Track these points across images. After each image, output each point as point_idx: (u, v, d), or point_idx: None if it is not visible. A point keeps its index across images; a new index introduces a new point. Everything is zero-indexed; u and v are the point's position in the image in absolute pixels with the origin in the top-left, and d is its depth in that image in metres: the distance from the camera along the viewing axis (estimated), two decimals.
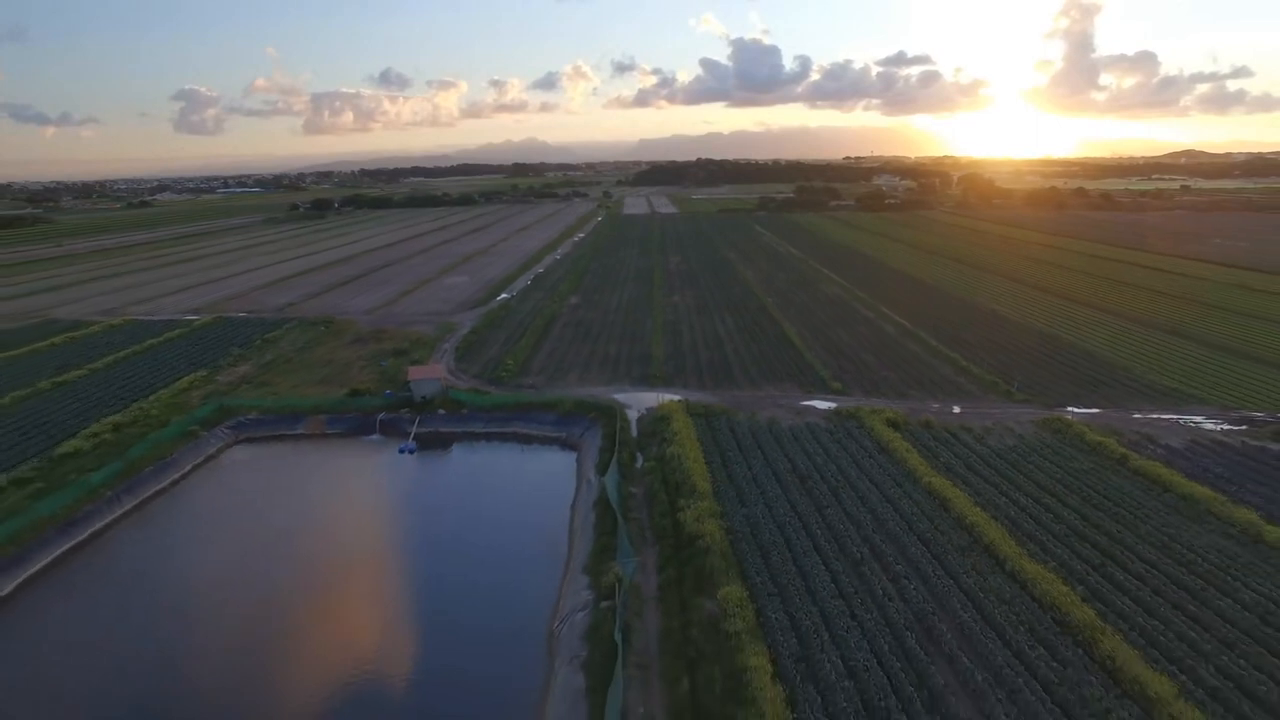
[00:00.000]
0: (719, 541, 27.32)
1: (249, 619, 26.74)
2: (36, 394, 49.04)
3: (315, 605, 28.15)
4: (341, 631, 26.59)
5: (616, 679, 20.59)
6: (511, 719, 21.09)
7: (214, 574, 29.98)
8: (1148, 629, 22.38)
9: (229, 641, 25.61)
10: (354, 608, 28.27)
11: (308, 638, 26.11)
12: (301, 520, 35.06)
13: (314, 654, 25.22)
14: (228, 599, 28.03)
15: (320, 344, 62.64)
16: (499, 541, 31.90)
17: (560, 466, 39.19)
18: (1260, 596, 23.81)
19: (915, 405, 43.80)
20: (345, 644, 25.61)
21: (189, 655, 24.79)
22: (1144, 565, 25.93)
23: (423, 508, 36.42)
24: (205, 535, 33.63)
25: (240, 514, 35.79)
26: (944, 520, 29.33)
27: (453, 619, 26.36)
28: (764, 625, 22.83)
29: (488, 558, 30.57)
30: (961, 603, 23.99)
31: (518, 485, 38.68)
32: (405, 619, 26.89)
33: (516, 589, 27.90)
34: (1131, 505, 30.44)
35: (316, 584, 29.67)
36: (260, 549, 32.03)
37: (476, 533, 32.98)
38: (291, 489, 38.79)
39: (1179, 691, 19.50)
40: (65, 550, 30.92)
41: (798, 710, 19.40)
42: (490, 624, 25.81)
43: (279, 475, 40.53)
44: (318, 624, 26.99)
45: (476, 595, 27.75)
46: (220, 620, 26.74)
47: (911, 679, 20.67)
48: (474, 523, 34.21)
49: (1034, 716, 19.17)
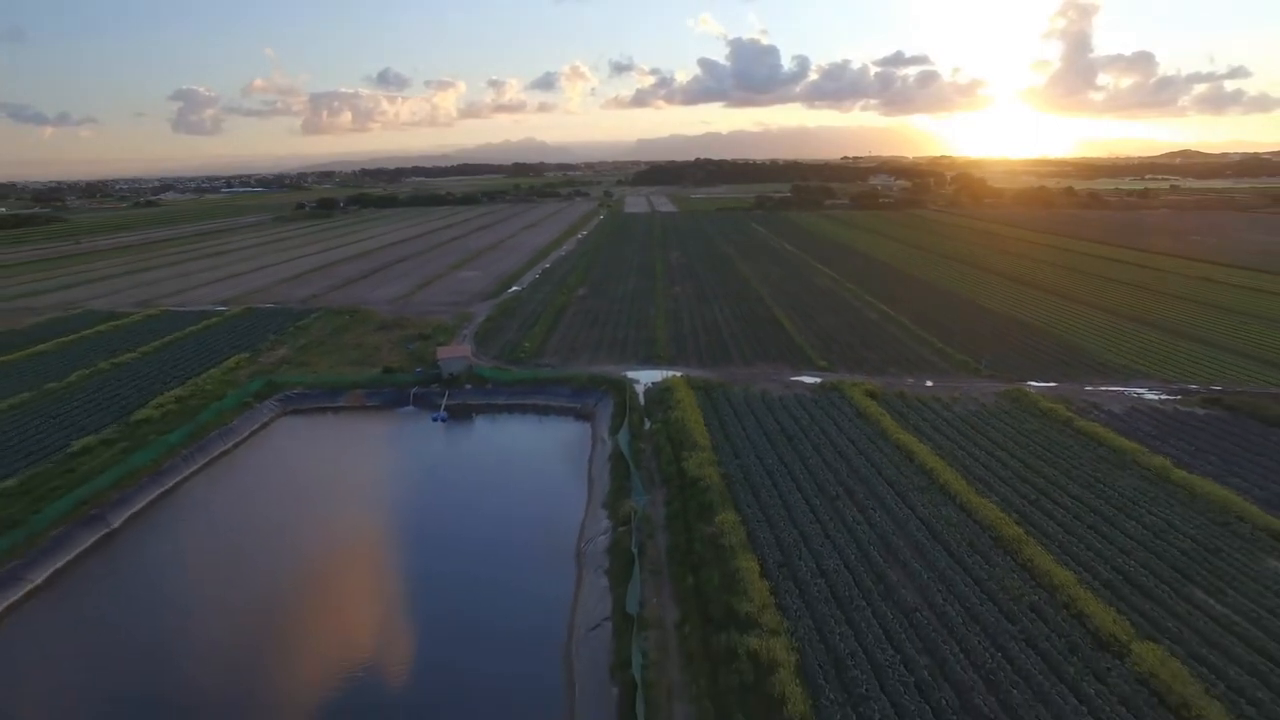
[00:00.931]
0: (717, 482, 32.51)
1: (313, 556, 31.94)
2: (99, 373, 54.05)
3: (371, 541, 33.31)
4: (402, 555, 31.73)
5: (634, 579, 25.74)
6: (551, 610, 26.20)
7: (277, 519, 35.12)
8: (1063, 541, 27.59)
9: (298, 571, 30.77)
10: (409, 539, 33.33)
11: (368, 563, 31.26)
12: (349, 476, 40.21)
13: (376, 573, 30.37)
14: (292, 540, 33.15)
15: (348, 330, 67.73)
16: (527, 488, 37.21)
17: (576, 432, 44.36)
18: (1158, 519, 29.02)
19: (892, 380, 49.01)
20: (408, 562, 30.79)
21: (263, 575, 29.93)
22: (1069, 498, 31.15)
23: (456, 465, 41.65)
24: (266, 488, 38.89)
25: (294, 472, 41.03)
26: (908, 467, 34.52)
27: (492, 548, 31.48)
28: (753, 541, 27.99)
29: (518, 500, 35.83)
30: (916, 525, 29.17)
31: (539, 447, 43.96)
32: (455, 547, 31.99)
33: (546, 521, 33.15)
34: (1068, 456, 35.65)
35: (369, 525, 34.83)
36: (315, 501, 37.16)
37: (505, 483, 38.21)
38: (337, 452, 43.97)
39: (1078, 580, 24.70)
40: (157, 495, 36.03)
41: (779, 598, 24.54)
42: (527, 546, 31.10)
43: (325, 441, 45.69)
44: (376, 554, 32.15)
45: (512, 527, 32.98)
46: (289, 556, 31.90)
47: (871, 578, 25.82)
48: (502, 476, 39.41)
49: (964, 600, 24.33)
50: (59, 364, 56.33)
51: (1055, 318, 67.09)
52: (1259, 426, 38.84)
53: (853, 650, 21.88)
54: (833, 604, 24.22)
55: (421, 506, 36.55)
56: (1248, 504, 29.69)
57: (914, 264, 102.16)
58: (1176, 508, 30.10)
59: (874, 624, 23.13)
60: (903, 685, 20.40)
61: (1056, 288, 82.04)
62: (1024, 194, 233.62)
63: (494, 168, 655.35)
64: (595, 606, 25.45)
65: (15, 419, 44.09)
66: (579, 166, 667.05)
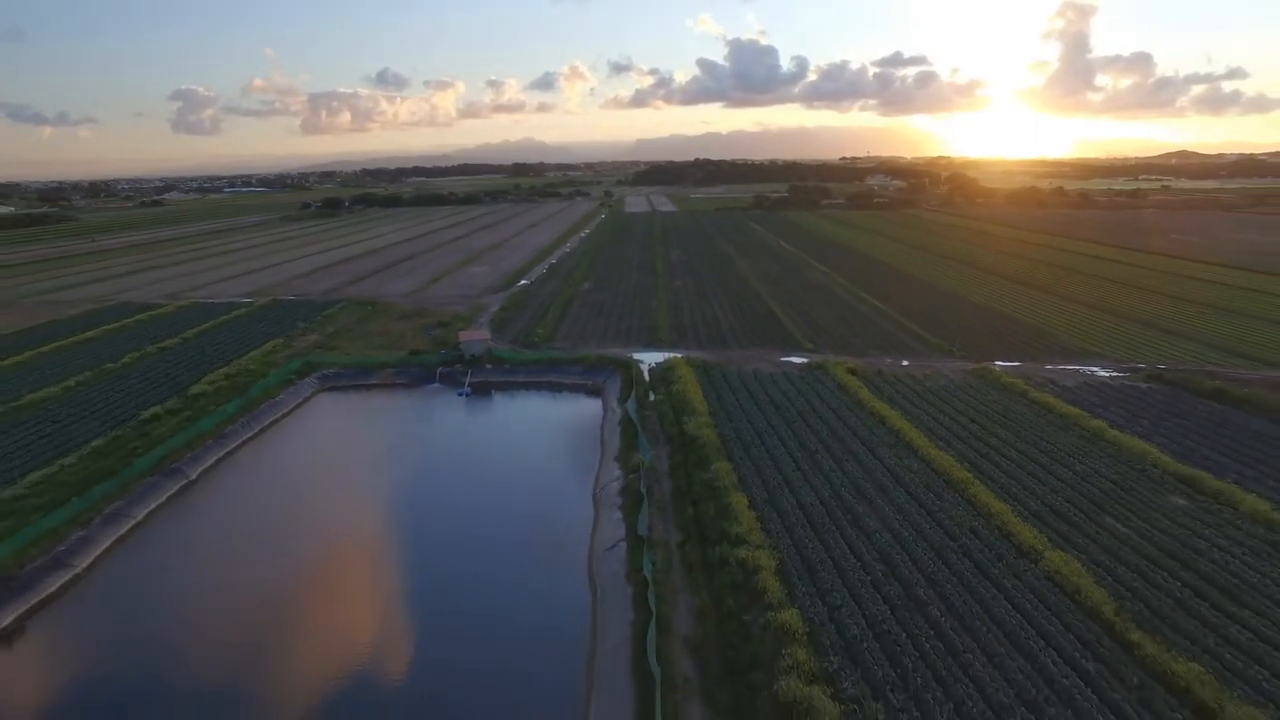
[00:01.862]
0: (713, 440, 37.63)
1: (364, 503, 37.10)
2: (148, 355, 59.07)
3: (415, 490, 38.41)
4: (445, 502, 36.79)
5: (644, 511, 30.83)
6: (575, 537, 31.30)
7: (325, 475, 40.34)
8: (1004, 483, 32.73)
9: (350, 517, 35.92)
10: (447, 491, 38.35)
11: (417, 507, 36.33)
12: (385, 442, 45.35)
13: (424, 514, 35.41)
14: (341, 492, 38.30)
15: (372, 319, 72.82)
16: (546, 449, 42.41)
17: (588, 405, 49.45)
18: (1087, 468, 34.18)
19: (873, 360, 54.14)
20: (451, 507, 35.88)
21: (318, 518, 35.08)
22: (1015, 452, 36.30)
23: (481, 433, 46.80)
24: (313, 451, 44.15)
25: (336, 438, 46.24)
26: (880, 429, 39.66)
27: (520, 494, 36.58)
28: (743, 483, 33.10)
29: (539, 458, 41.07)
30: (882, 472, 34.30)
31: (555, 417, 49.23)
32: (488, 494, 37.05)
33: (565, 474, 38.36)
34: (1020, 421, 40.79)
35: (411, 479, 39.92)
36: (358, 461, 42.28)
37: (527, 445, 43.47)
38: (373, 422, 49.14)
39: (1012, 511, 29.83)
40: (222, 455, 41.09)
41: (764, 523, 29.60)
42: (551, 492, 36.34)
43: (361, 413, 50.80)
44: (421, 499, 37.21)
45: (536, 478, 38.26)
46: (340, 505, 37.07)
47: (841, 510, 30.93)
48: (523, 440, 44.66)
49: (916, 525, 29.44)
50: (110, 348, 61.35)
51: (1028, 307, 72.28)
52: (1189, 397, 44.06)
53: (822, 559, 26.99)
54: (808, 528, 29.33)
55: (453, 466, 41.68)
56: (1163, 455, 34.87)
57: (904, 260, 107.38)
58: (1104, 459, 35.26)
59: (840, 542, 28.25)
60: (860, 582, 25.51)
61: (1033, 281, 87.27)
62: (1016, 194, 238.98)
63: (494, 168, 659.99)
64: (611, 532, 30.56)
65: (85, 393, 49.17)
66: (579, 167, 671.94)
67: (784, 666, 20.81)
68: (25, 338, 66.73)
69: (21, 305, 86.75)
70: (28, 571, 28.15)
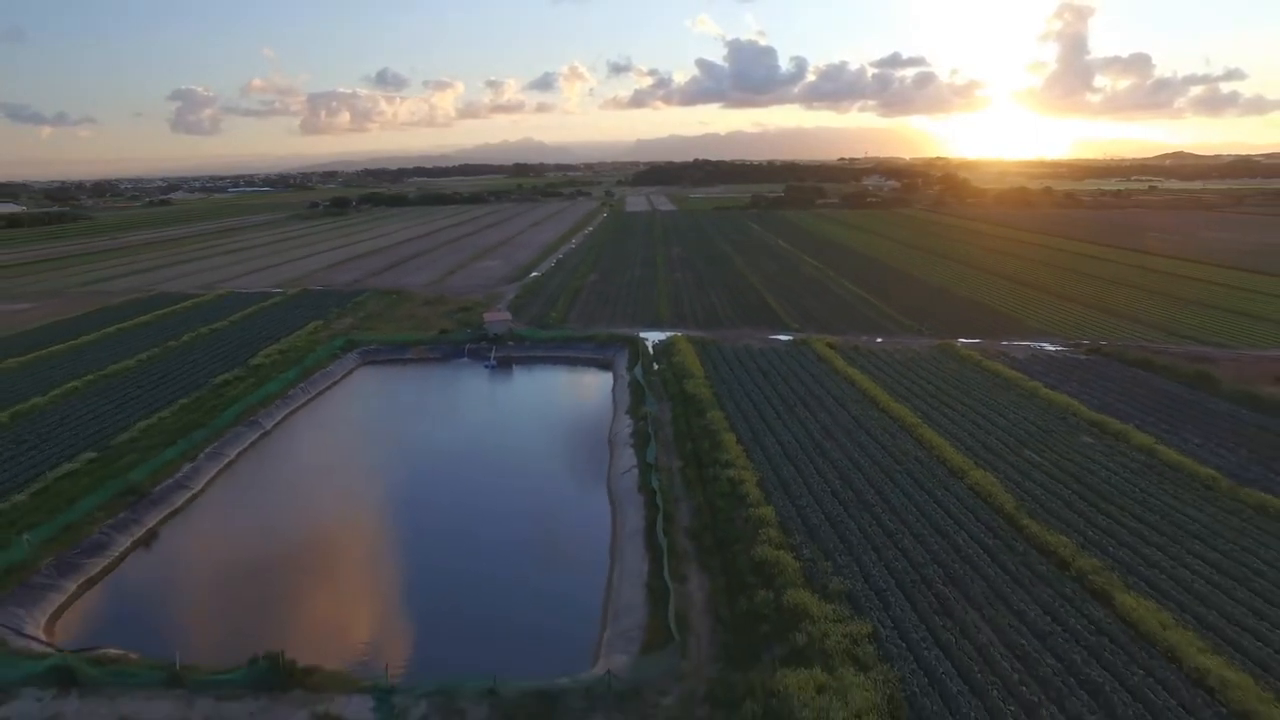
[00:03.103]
0: (708, 396, 44.64)
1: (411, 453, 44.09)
2: (200, 337, 65.80)
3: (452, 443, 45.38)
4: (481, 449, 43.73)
5: (651, 446, 37.76)
6: (595, 467, 38.35)
7: (374, 429, 47.33)
8: (947, 427, 39.74)
9: (403, 458, 42.92)
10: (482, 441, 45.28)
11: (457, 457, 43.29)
12: (424, 405, 52.35)
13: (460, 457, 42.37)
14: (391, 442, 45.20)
15: (399, 306, 79.76)
16: (564, 408, 49.58)
17: (600, 375, 56.41)
18: (1019, 417, 41.21)
19: (850, 338, 61.14)
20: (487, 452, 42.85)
21: (374, 463, 42.08)
22: (962, 405, 43.32)
23: (507, 397, 53.97)
24: (363, 409, 51.37)
25: (382, 401, 53.32)
26: (849, 389, 46.66)
27: (545, 441, 43.59)
28: (733, 427, 40.04)
29: (559, 415, 48.20)
30: (848, 420, 41.27)
31: (571, 384, 56.53)
32: (517, 442, 43.99)
33: (583, 426, 45.35)
34: (971, 384, 47.81)
35: (448, 432, 46.90)
36: (401, 418, 49.26)
37: (548, 405, 50.69)
38: (412, 389, 56.18)
39: (950, 445, 36.84)
40: (288, 412, 48.00)
41: (750, 455, 36.45)
42: (572, 437, 43.41)
43: (401, 381, 57.78)
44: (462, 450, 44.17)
45: (558, 429, 45.32)
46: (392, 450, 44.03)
47: (811, 446, 37.85)
48: (544, 401, 51.86)
49: (871, 455, 36.39)
50: (167, 330, 68.13)
51: (997, 295, 79.34)
52: (1118, 365, 51.14)
53: (794, 478, 33.94)
54: (784, 459, 36.29)
55: (485, 421, 48.71)
56: (1083, 407, 41.92)
57: (890, 255, 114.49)
58: (1034, 410, 42.30)
59: (809, 467, 35.22)
60: (821, 491, 32.48)
61: (1005, 272, 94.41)
62: (1005, 194, 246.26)
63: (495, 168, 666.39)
64: (625, 462, 37.53)
65: (159, 365, 56.02)
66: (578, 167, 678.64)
67: (759, 540, 27.74)
68: (86, 322, 73.54)
69: (68, 294, 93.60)
70: (158, 490, 35.03)
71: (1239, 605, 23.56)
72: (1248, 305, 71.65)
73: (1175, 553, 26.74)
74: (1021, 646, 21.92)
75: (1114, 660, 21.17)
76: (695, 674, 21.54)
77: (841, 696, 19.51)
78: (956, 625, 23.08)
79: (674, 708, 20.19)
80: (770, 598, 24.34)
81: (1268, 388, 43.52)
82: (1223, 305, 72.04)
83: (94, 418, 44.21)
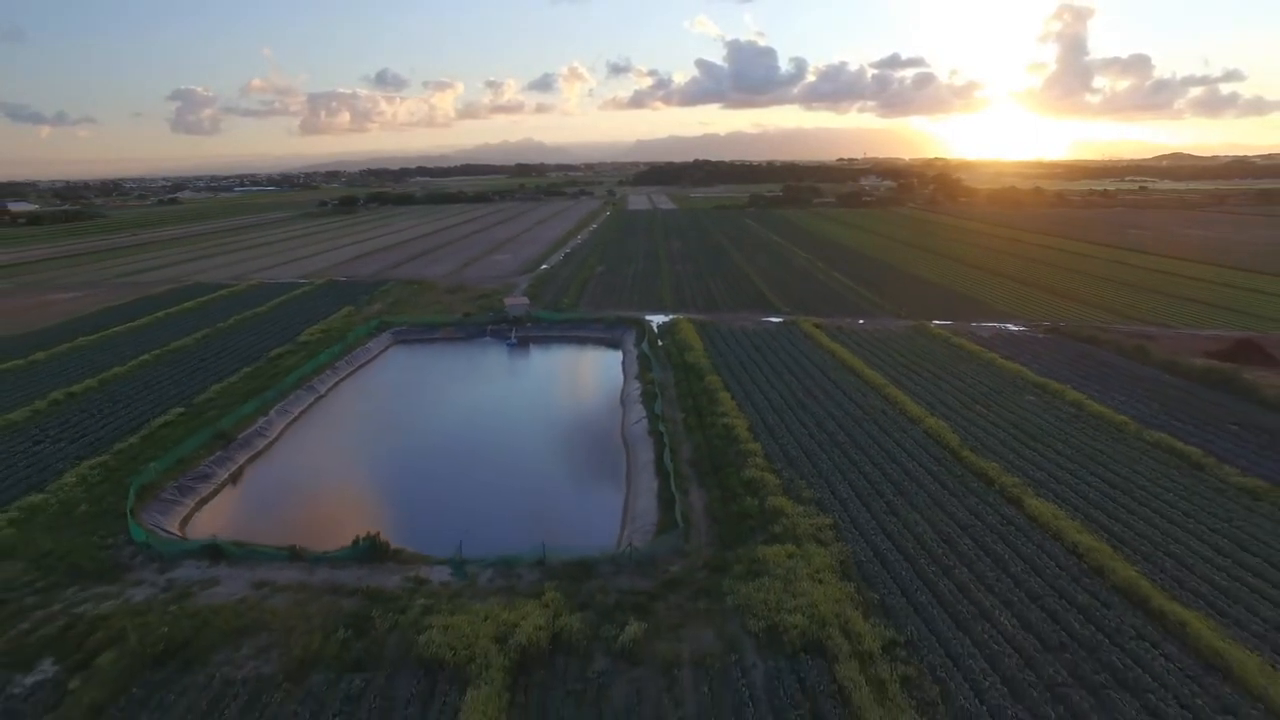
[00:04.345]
0: (707, 364, 51.23)
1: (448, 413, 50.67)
2: (245, 320, 72.32)
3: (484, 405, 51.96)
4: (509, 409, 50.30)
5: (658, 402, 44.31)
6: (611, 420, 44.98)
7: (412, 394, 53.89)
8: (912, 388, 46.30)
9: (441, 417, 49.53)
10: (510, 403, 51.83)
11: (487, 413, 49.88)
12: (454, 374, 58.97)
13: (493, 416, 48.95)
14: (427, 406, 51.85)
15: (422, 294, 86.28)
16: (581, 377, 56.13)
17: (610, 352, 62.91)
18: (974, 380, 47.82)
19: (835, 320, 67.73)
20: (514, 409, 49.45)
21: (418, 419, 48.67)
22: (927, 372, 49.91)
23: (529, 369, 60.49)
24: (401, 377, 57.84)
25: (417, 372, 59.89)
26: (830, 360, 53.25)
27: (567, 401, 50.22)
28: (728, 387, 46.60)
29: (577, 382, 54.84)
30: (828, 383, 47.85)
31: (585, 357, 63.14)
32: (542, 401, 50.59)
33: (598, 389, 52.05)
34: (936, 356, 54.39)
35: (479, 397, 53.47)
36: (436, 386, 55.85)
37: (566, 375, 57.24)
38: (442, 363, 62.69)
39: (911, 400, 43.43)
40: (336, 380, 54.57)
41: (742, 408, 42.98)
42: (590, 398, 50.12)
43: (431, 358, 64.29)
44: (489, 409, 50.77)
45: (577, 391, 52.13)
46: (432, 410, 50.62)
47: (794, 402, 44.38)
48: (563, 372, 58.40)
49: (845, 408, 42.95)
50: (211, 314, 74.56)
51: (973, 284, 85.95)
52: (1070, 342, 57.78)
53: (778, 424, 40.50)
54: (771, 411, 42.85)
55: (511, 389, 55.34)
56: (1030, 373, 48.52)
57: (878, 249, 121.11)
58: (989, 376, 48.91)
59: (791, 417, 41.78)
60: (801, 434, 39.02)
61: (984, 264, 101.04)
62: (996, 194, 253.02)
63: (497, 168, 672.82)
64: (636, 415, 44.08)
65: (216, 342, 62.51)
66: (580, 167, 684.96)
67: (748, 466, 34.31)
68: (135, 308, 79.94)
69: (109, 285, 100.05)
70: (241, 437, 41.55)
71: (1119, 506, 30.18)
72: (1196, 292, 78.32)
73: (1080, 474, 33.37)
74: (948, 533, 28.53)
75: (1015, 540, 27.78)
76: (696, 552, 28.11)
77: (805, 561, 26.11)
78: (899, 520, 29.67)
79: (680, 572, 26.73)
80: (755, 503, 30.93)
81: (1190, 359, 50.07)
82: (1175, 292, 78.69)
83: (172, 382, 50.79)
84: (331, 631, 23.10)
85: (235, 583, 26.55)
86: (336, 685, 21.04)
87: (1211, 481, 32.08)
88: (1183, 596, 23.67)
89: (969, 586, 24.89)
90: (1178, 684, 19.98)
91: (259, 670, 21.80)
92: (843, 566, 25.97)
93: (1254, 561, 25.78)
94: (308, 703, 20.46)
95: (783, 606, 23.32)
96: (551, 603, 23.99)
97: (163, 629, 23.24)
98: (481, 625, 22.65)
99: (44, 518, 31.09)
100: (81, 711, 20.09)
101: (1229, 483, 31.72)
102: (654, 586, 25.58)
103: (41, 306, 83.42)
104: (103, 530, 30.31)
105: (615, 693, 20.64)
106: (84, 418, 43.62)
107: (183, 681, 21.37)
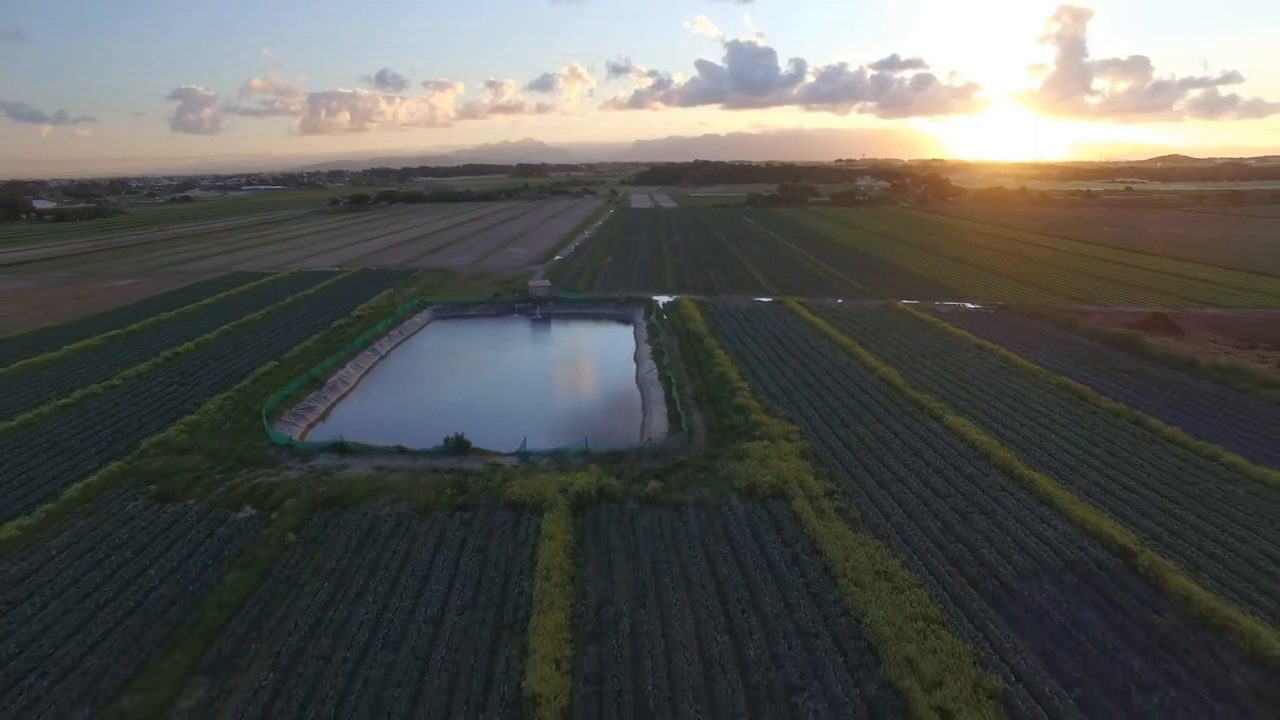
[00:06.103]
0: (706, 331, 61.23)
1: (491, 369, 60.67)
2: (299, 301, 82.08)
3: (519, 367, 61.86)
4: (539, 369, 60.17)
5: (664, 358, 54.24)
6: (626, 371, 55.01)
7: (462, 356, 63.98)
8: (877, 349, 56.22)
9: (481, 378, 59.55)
10: (538, 366, 61.69)
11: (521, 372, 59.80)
12: (490, 342, 68.99)
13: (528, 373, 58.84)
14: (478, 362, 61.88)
15: (449, 280, 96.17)
16: (599, 344, 66.15)
17: (623, 326, 72.88)
18: (927, 343, 57.80)
19: (818, 299, 77.72)
20: (544, 370, 59.33)
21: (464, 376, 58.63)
22: (891, 339, 59.85)
23: (553, 339, 70.54)
24: (444, 344, 67.80)
25: (457, 342, 69.87)
26: (809, 329, 63.21)
27: (590, 360, 60.16)
28: (723, 347, 56.53)
29: (596, 348, 64.90)
30: (805, 345, 57.78)
31: (601, 330, 73.22)
32: (568, 359, 60.50)
33: (614, 352, 62.08)
34: (900, 326, 64.36)
35: (512, 360, 63.39)
36: (475, 350, 65.89)
37: (586, 344, 67.30)
38: (479, 334, 72.66)
39: (872, 356, 53.37)
40: (393, 346, 64.51)
41: (735, 362, 52.88)
42: (607, 360, 60.22)
43: (469, 330, 74.27)
44: (522, 369, 60.66)
45: (597, 354, 62.38)
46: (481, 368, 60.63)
47: (776, 359, 54.23)
48: (583, 342, 68.45)
49: (822, 366, 52.85)
50: (267, 296, 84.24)
51: (944, 272, 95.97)
52: (1016, 316, 67.85)
53: (763, 372, 50.41)
54: (758, 363, 52.80)
55: (538, 355, 65.33)
56: (973, 337, 58.49)
57: (863, 243, 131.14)
58: (938, 340, 58.87)
59: (775, 369, 51.68)
60: (780, 378, 48.94)
61: (959, 256, 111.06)
62: (983, 193, 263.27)
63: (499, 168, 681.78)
64: (647, 368, 54.00)
65: (280, 318, 72.31)
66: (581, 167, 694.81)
67: (737, 397, 44.24)
68: (194, 292, 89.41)
69: (161, 274, 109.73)
70: (328, 383, 51.45)
71: (1013, 419, 40.17)
72: (1139, 279, 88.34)
73: (991, 402, 43.36)
74: (884, 436, 38.48)
75: (931, 440, 37.73)
76: (697, 448, 38.04)
77: (777, 450, 36.05)
78: (849, 430, 39.59)
79: (686, 460, 36.60)
80: (742, 419, 40.87)
81: (1112, 329, 59.98)
82: (1121, 279, 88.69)
83: (257, 345, 60.66)
84: (441, 490, 33.01)
85: (361, 467, 36.43)
86: (452, 518, 30.93)
87: (1089, 407, 42.04)
88: (1037, 466, 33.65)
89: (893, 465, 34.86)
90: (1019, 510, 29.92)
91: (395, 510, 31.69)
92: (803, 453, 35.92)
93: (1099, 451, 35.72)
94: (434, 528, 30.30)
95: (758, 474, 33.22)
96: (595, 473, 33.88)
97: (321, 489, 33.16)
98: (548, 483, 32.55)
99: (203, 430, 40.98)
100: (284, 529, 29.95)
101: (1101, 406, 41.71)
102: (668, 465, 35.52)
103: (110, 291, 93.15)
104: (248, 439, 40.19)
105: (641, 521, 30.50)
106: (196, 369, 53.52)
107: (345, 516, 31.26)
